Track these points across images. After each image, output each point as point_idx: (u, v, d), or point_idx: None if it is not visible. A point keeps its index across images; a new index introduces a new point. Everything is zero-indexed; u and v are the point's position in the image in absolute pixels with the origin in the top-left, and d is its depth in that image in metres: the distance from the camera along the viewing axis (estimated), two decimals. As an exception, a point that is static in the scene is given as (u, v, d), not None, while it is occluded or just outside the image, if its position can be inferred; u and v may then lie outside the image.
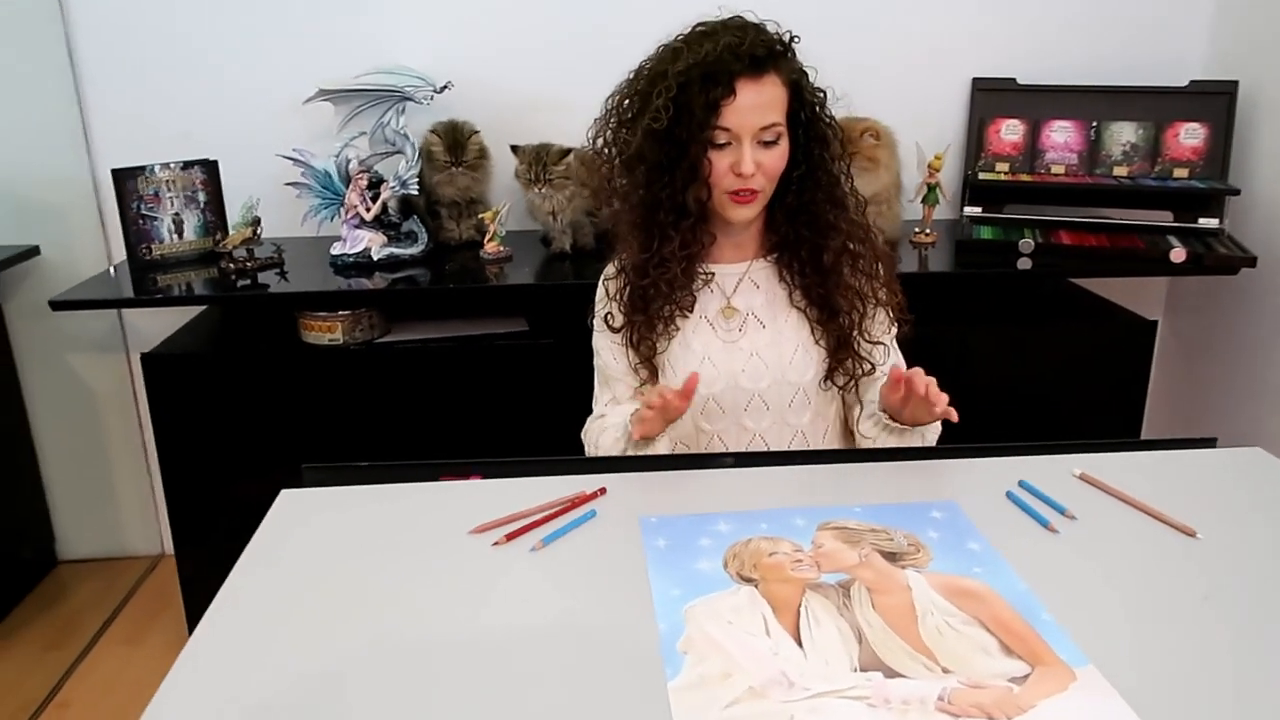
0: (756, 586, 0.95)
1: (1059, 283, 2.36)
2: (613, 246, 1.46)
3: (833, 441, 1.47)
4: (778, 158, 1.29)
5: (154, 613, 2.34)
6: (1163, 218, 2.21)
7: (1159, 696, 0.78)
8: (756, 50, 1.23)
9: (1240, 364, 2.32)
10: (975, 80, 2.35)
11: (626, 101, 1.32)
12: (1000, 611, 0.90)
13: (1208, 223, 2.17)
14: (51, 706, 2.02)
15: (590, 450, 1.44)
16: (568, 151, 2.06)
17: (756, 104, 1.25)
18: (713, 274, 1.39)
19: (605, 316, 1.42)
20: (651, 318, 1.36)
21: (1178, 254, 2.01)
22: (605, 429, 1.40)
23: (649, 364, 1.40)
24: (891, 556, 1.00)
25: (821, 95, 1.33)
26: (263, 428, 1.99)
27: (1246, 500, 1.12)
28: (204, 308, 2.23)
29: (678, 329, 1.38)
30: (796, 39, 1.30)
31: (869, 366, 1.40)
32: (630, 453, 1.33)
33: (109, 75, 2.22)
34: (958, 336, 2.06)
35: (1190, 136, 2.25)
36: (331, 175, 2.07)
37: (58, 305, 1.89)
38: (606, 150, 1.35)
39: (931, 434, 1.34)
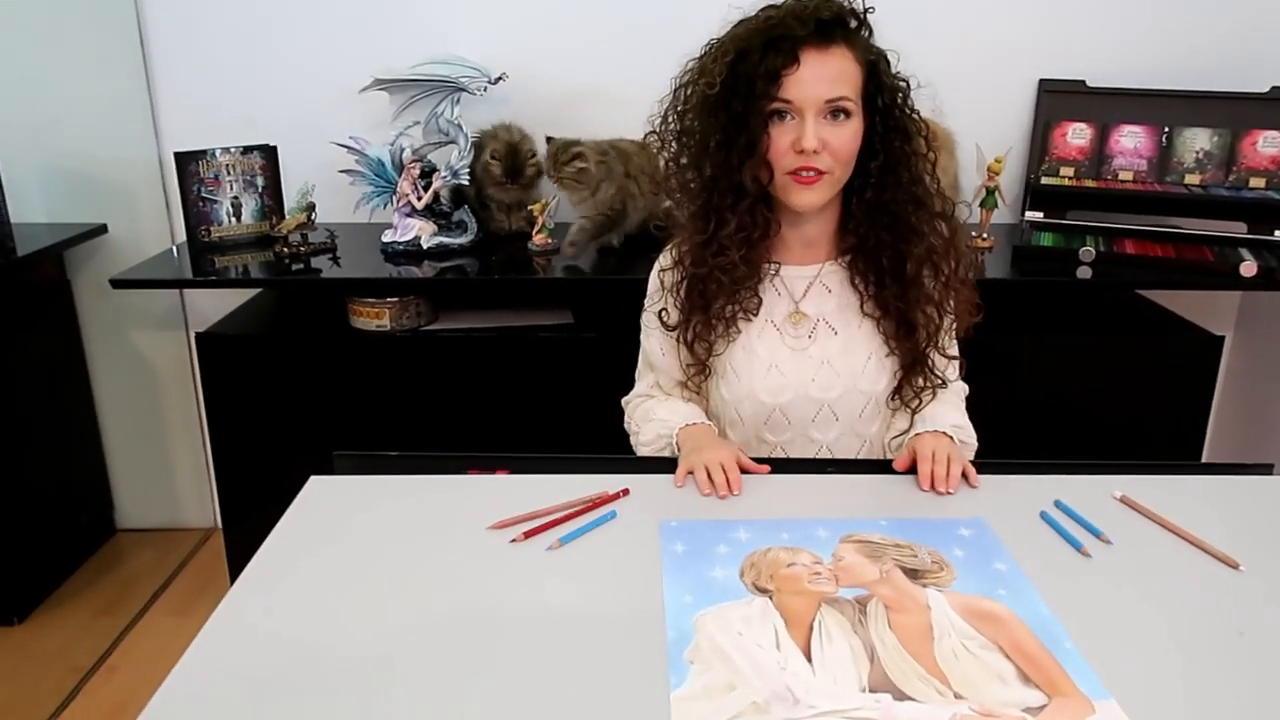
0: (771, 598, 0.93)
1: (1125, 294, 2.27)
2: (660, 245, 1.39)
3: (898, 449, 1.37)
4: (848, 137, 1.18)
5: (203, 585, 2.40)
6: (1236, 229, 2.13)
7: (1181, 737, 0.75)
8: (822, 14, 1.15)
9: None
10: (1042, 81, 2.28)
11: (687, 78, 1.25)
12: (1021, 637, 0.87)
13: (1283, 235, 2.08)
14: (101, 670, 2.08)
15: (629, 422, 1.42)
16: (579, 154, 2.00)
17: (822, 75, 1.15)
18: (778, 268, 1.30)
19: (660, 313, 1.35)
20: (711, 318, 1.29)
21: (1248, 268, 1.93)
22: (650, 420, 1.35)
23: (701, 364, 1.33)
24: (914, 574, 0.98)
25: (904, 85, 1.23)
26: (310, 410, 2.02)
27: (1296, 532, 1.07)
28: (261, 290, 2.28)
29: (739, 331, 1.31)
30: (871, 10, 1.20)
31: (940, 382, 1.32)
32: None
33: (178, 60, 2.27)
34: (1012, 345, 2.00)
35: (1269, 145, 2.15)
36: (384, 163, 2.09)
37: (118, 284, 1.95)
38: (666, 133, 1.27)
39: (967, 450, 1.29)
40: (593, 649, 0.86)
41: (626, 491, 1.14)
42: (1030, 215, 2.23)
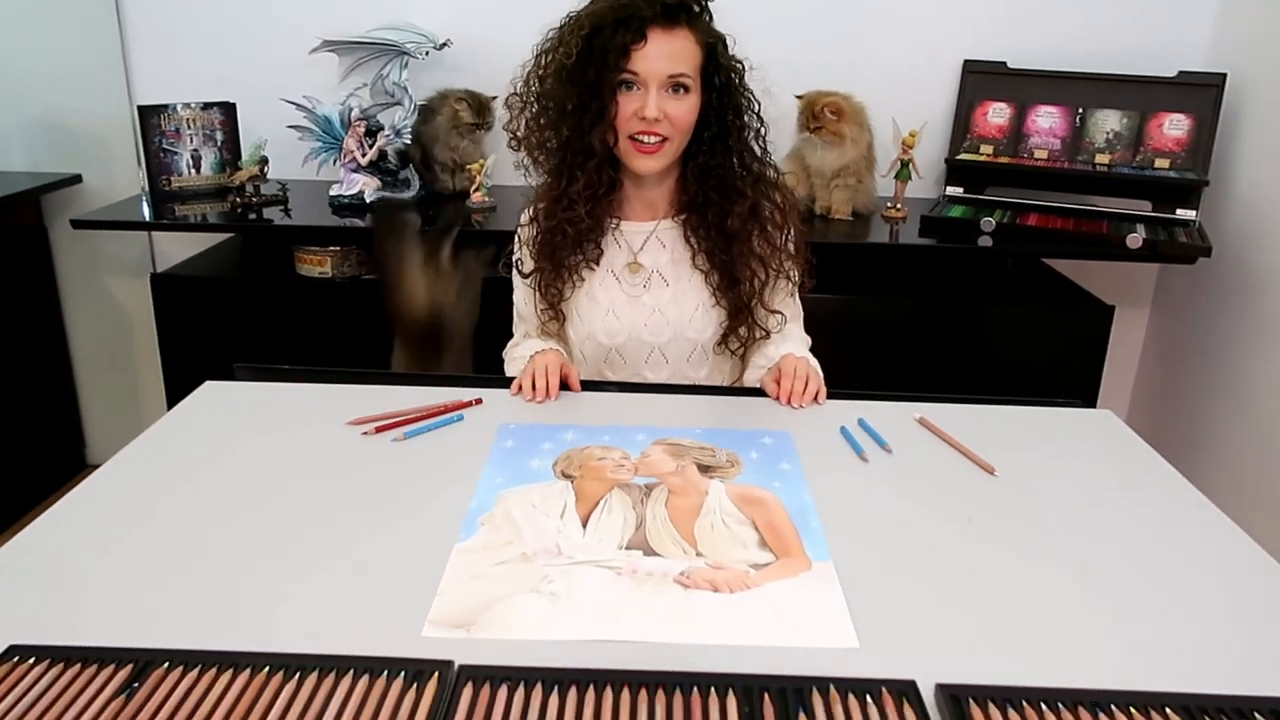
0: (573, 482, 1.07)
1: (1035, 264, 2.39)
2: None
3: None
4: (686, 110, 1.33)
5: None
6: (1143, 207, 2.24)
7: (876, 592, 0.88)
8: None
9: (1209, 356, 2.32)
10: (967, 62, 2.39)
11: (547, 45, 1.39)
12: (775, 516, 1.01)
13: (1184, 214, 2.19)
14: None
15: (507, 366, 1.56)
16: None
17: (666, 53, 1.30)
18: (619, 223, 1.45)
19: (516, 262, 1.51)
20: (558, 267, 1.44)
21: (1134, 240, 2.04)
22: (515, 359, 1.51)
23: (554, 309, 1.47)
24: (706, 469, 1.11)
25: (740, 66, 1.39)
26: (255, 350, 2.17)
27: (1065, 450, 1.19)
28: (225, 237, 2.43)
29: (583, 280, 1.46)
30: None
31: (763, 333, 1.46)
32: None
33: (150, 17, 2.41)
34: (915, 309, 2.13)
35: (1174, 128, 2.26)
36: (333, 121, 2.23)
37: (78, 224, 2.10)
38: (528, 95, 1.41)
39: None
40: (403, 514, 1.00)
41: (480, 401, 1.28)
42: (952, 190, 2.35)
